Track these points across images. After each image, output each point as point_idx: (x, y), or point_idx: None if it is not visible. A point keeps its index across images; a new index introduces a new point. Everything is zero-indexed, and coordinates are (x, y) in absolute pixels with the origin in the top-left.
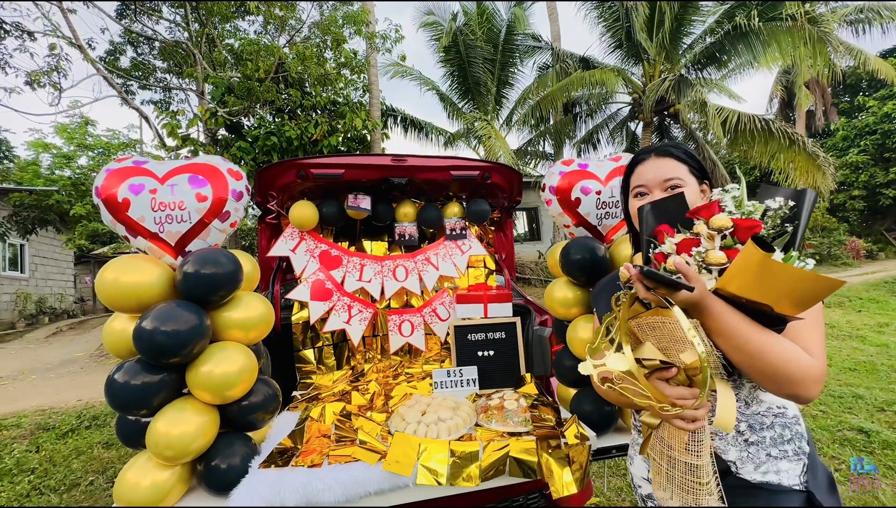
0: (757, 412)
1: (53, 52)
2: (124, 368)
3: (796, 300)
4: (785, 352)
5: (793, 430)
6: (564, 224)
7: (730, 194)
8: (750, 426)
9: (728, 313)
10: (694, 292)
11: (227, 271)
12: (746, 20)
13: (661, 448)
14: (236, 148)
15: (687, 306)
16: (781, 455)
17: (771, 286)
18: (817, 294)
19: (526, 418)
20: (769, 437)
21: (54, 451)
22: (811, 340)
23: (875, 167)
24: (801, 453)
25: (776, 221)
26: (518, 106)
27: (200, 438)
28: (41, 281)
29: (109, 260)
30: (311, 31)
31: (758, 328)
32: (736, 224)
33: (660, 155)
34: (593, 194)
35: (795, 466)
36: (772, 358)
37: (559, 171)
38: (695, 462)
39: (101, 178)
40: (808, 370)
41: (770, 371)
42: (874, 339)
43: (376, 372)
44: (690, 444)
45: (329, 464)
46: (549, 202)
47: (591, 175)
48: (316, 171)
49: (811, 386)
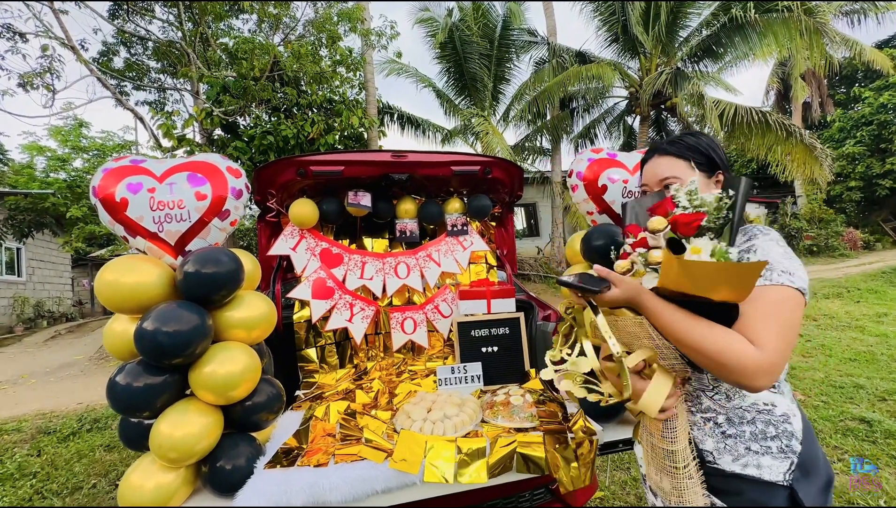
0: (738, 407)
1: (46, 54)
2: (126, 370)
3: (730, 288)
4: (722, 343)
5: (779, 428)
6: (588, 211)
7: (685, 188)
8: (728, 419)
9: (665, 309)
10: (621, 293)
11: (229, 270)
12: (742, 12)
13: (645, 436)
14: (232, 148)
15: (629, 305)
16: (763, 451)
17: (696, 281)
18: (743, 278)
19: (532, 413)
20: (749, 431)
21: (56, 455)
22: (760, 330)
23: (871, 158)
24: (788, 451)
25: (721, 212)
26: (515, 102)
27: (205, 439)
28: (38, 285)
29: (107, 262)
30: (305, 30)
31: (697, 321)
32: (677, 221)
33: (659, 153)
34: (620, 182)
35: (780, 464)
36: (709, 348)
37: (588, 158)
38: (670, 448)
39: (98, 178)
40: (744, 359)
41: (710, 361)
42: (873, 329)
43: (379, 370)
44: (665, 431)
45: (335, 463)
46: (574, 188)
47: (620, 164)
48: (315, 168)
49: (752, 377)
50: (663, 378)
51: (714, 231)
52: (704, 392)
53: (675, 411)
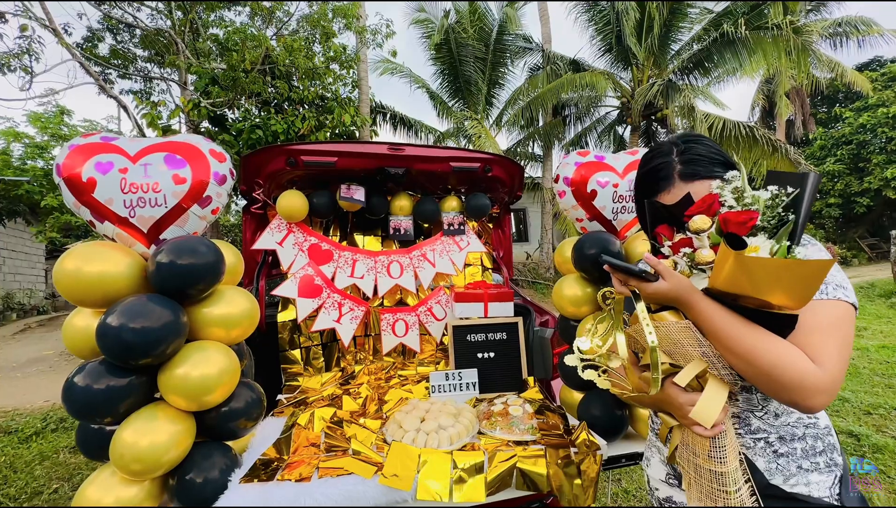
0: (787, 423)
1: (25, 34)
2: (86, 370)
3: (790, 292)
4: (779, 355)
5: (825, 441)
6: (577, 218)
7: (730, 185)
8: (780, 437)
9: (716, 311)
10: (670, 287)
11: (207, 262)
12: (733, 28)
13: (687, 456)
14: (219, 141)
15: (675, 304)
16: (812, 468)
17: (755, 280)
18: (808, 281)
19: (532, 425)
20: (800, 448)
21: (16, 456)
22: (820, 346)
23: (850, 176)
24: (832, 465)
25: (776, 210)
26: (508, 106)
27: (173, 449)
28: (9, 275)
29: (69, 248)
30: (299, 25)
31: (752, 329)
32: (727, 219)
33: (687, 179)
34: (610, 186)
35: (826, 478)
36: (763, 360)
37: (575, 161)
38: (719, 470)
39: (64, 154)
40: (804, 376)
41: (763, 375)
42: (854, 343)
43: (368, 374)
44: (712, 450)
45: (319, 478)
46: (561, 194)
47: (609, 167)
48: (307, 158)
49: (810, 396)
50: (719, 386)
51: (768, 232)
52: (753, 413)
53: (725, 427)
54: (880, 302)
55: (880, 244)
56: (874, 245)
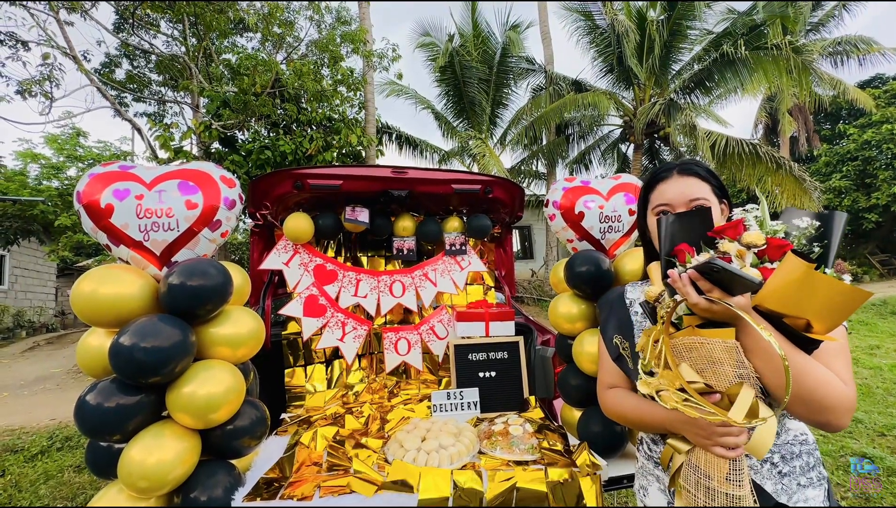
0: (787, 442)
1: (47, 62)
2: (98, 388)
3: (827, 316)
4: (822, 377)
5: (814, 456)
6: (567, 239)
7: (751, 213)
8: (782, 456)
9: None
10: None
11: (216, 284)
12: (733, 49)
13: (696, 479)
14: (229, 161)
15: (733, 321)
16: (808, 483)
17: (811, 300)
18: (848, 308)
19: (533, 445)
20: (798, 466)
21: (21, 475)
22: (841, 367)
23: (857, 192)
24: (822, 478)
25: (801, 240)
26: (512, 126)
27: (179, 467)
28: (21, 293)
29: (86, 271)
30: (308, 49)
31: (795, 349)
32: (770, 242)
33: (683, 173)
34: (596, 208)
35: (819, 493)
36: (809, 382)
37: (562, 187)
38: (737, 493)
39: (84, 182)
40: (842, 397)
41: (806, 396)
42: (866, 362)
43: (370, 393)
44: (731, 473)
45: (321, 496)
46: (552, 218)
47: (594, 190)
48: (313, 181)
49: (843, 415)
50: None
51: None
52: None
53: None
54: (893, 320)
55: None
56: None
